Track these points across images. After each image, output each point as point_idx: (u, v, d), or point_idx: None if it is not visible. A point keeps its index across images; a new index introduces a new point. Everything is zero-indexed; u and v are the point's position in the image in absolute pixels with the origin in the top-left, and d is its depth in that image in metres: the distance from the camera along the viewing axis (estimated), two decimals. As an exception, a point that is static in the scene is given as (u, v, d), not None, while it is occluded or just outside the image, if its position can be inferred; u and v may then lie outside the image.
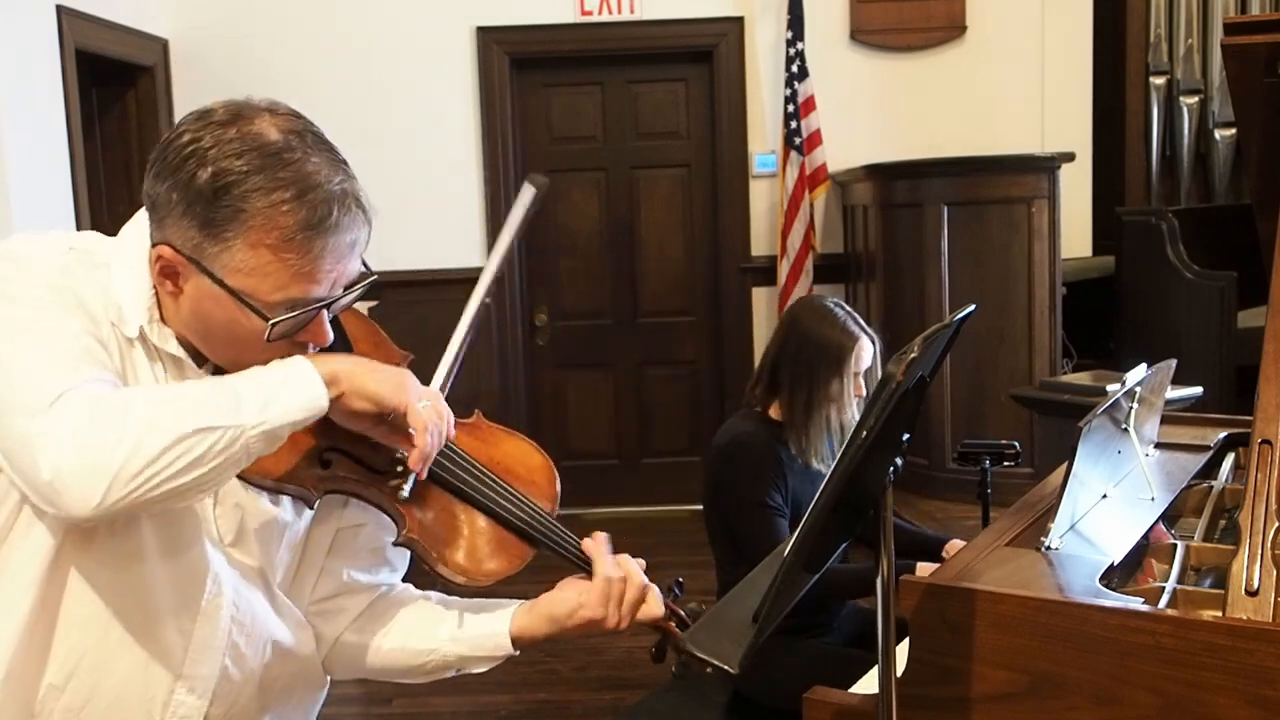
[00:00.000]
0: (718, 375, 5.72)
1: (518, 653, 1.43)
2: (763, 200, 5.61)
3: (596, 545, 1.45)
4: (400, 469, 1.25)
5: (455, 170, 5.50)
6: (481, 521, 1.35)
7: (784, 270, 5.36)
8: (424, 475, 1.25)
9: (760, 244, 5.62)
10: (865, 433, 1.15)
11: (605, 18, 5.47)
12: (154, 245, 1.21)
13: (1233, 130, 5.82)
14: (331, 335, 1.26)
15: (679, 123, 5.70)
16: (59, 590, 1.23)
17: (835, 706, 1.53)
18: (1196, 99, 6.01)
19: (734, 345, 5.66)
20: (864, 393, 2.56)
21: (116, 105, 5.10)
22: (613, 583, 1.40)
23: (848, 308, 2.62)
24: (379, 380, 1.20)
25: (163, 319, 1.26)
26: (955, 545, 2.62)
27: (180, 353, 1.26)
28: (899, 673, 1.40)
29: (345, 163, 1.24)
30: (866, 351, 2.56)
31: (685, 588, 1.50)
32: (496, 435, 1.43)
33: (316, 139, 1.23)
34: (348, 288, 1.24)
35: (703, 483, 2.69)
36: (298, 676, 1.43)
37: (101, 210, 4.83)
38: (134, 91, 5.12)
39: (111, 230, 1.33)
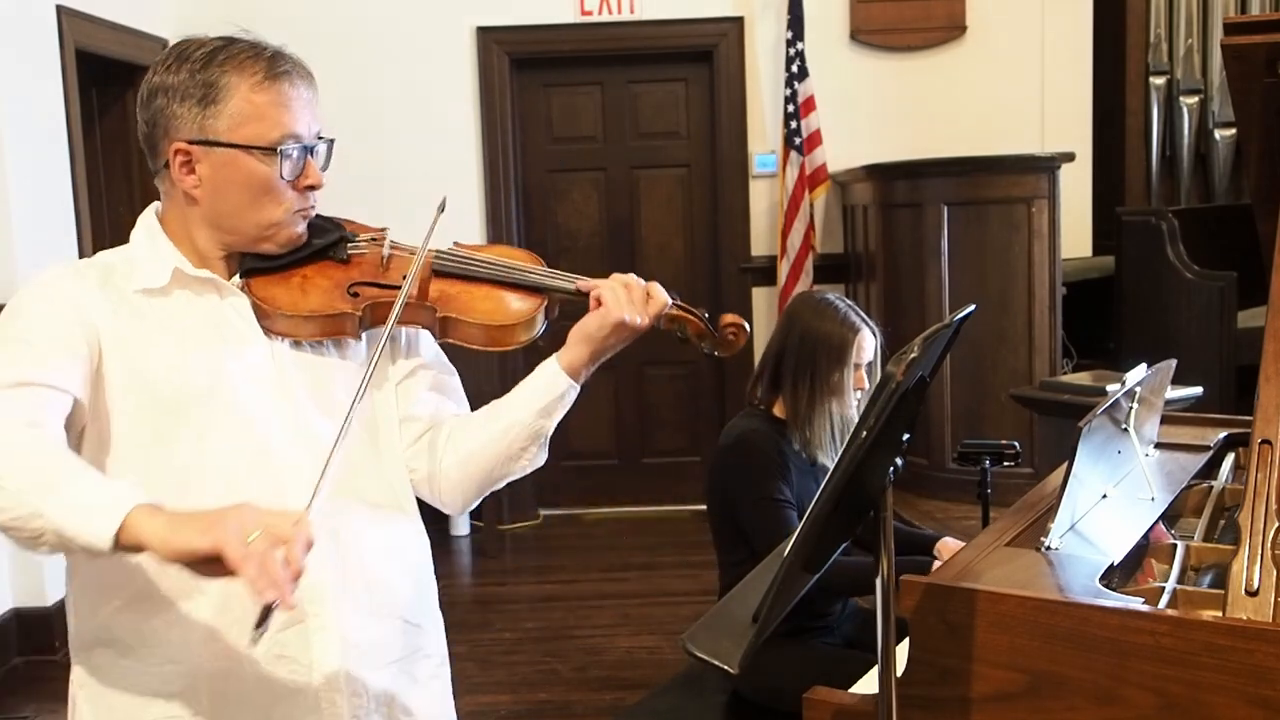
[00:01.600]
0: (718, 375, 5.72)
1: (578, 387, 1.59)
2: (763, 200, 5.61)
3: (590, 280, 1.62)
4: (259, 614, 1.18)
5: (455, 170, 5.50)
6: (495, 289, 1.59)
7: (784, 270, 5.36)
8: (285, 604, 1.16)
9: (760, 244, 5.62)
10: (865, 433, 1.15)
11: (605, 18, 5.47)
12: (166, 159, 1.45)
13: (1233, 130, 5.82)
14: (322, 177, 1.51)
15: (679, 123, 5.70)
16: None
17: (835, 706, 1.53)
18: (1196, 99, 6.01)
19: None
20: (865, 385, 2.55)
21: (116, 105, 5.10)
22: (616, 285, 1.58)
23: (848, 301, 2.61)
24: (186, 534, 1.17)
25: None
26: (946, 544, 2.62)
27: (212, 275, 1.49)
28: (899, 673, 1.40)
29: None
30: (868, 343, 2.55)
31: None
32: (479, 246, 1.68)
33: (245, 33, 1.54)
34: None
35: (706, 482, 2.69)
36: (391, 519, 1.57)
37: (101, 210, 4.83)
38: (134, 91, 5.09)
39: (113, 228, 1.45)
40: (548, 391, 1.59)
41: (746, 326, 1.65)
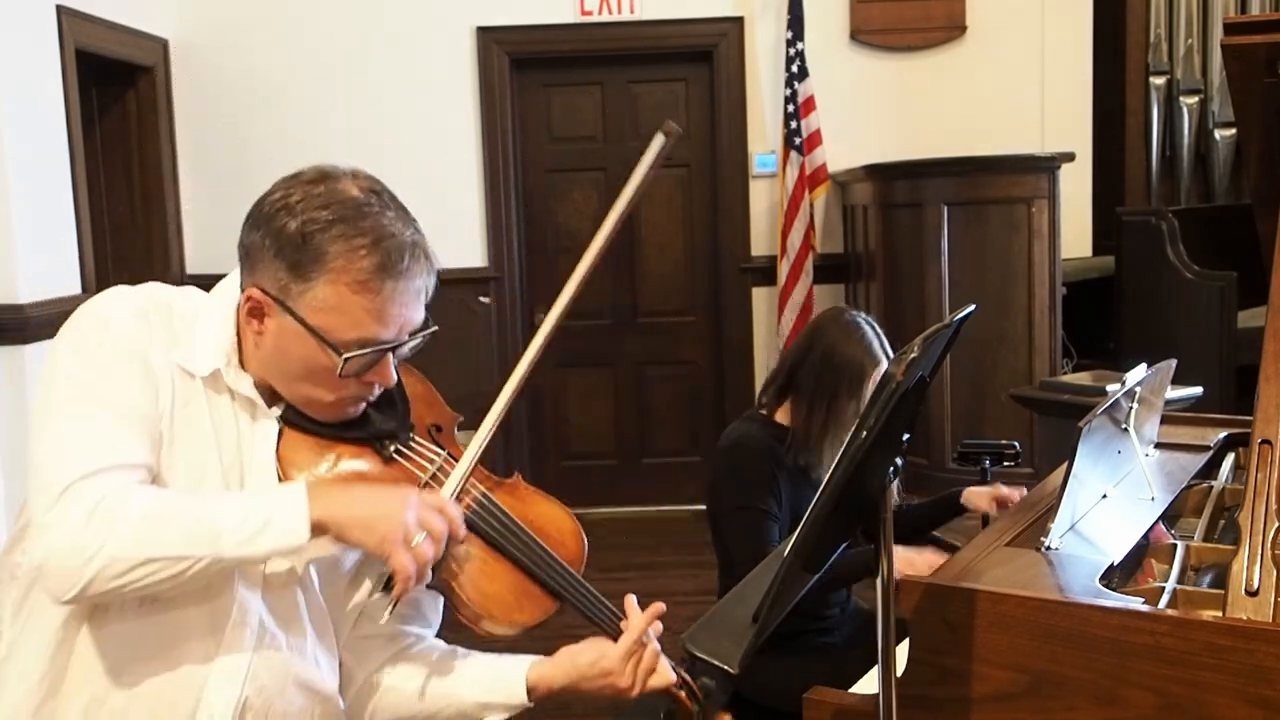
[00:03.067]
0: (718, 375, 5.72)
1: (531, 704, 1.48)
2: (763, 200, 5.61)
3: (633, 609, 1.52)
4: (387, 588, 1.33)
5: (455, 170, 5.50)
6: (511, 572, 1.43)
7: (784, 270, 5.36)
8: (405, 590, 1.31)
9: (760, 244, 5.62)
10: (865, 433, 1.15)
11: (605, 18, 5.47)
12: (244, 290, 1.36)
13: (1233, 130, 5.82)
14: (395, 378, 1.40)
15: (679, 123, 5.67)
16: (76, 633, 1.34)
17: (835, 706, 1.53)
18: (1196, 99, 6.01)
19: (734, 345, 5.66)
20: None
21: (116, 105, 5.10)
22: (640, 646, 1.48)
23: (875, 326, 2.56)
24: (365, 530, 1.28)
25: (242, 365, 1.40)
26: (973, 492, 2.63)
27: (254, 395, 1.39)
28: (899, 673, 1.40)
29: (415, 220, 1.39)
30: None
31: (699, 672, 1.53)
32: (532, 497, 1.52)
33: (392, 198, 1.38)
34: (412, 335, 1.38)
35: (705, 484, 2.68)
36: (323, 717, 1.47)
37: (101, 210, 4.83)
38: (134, 91, 5.11)
39: (112, 228, 1.39)
40: (501, 695, 1.49)
41: None
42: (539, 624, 1.44)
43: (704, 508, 2.70)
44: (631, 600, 1.52)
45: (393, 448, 1.42)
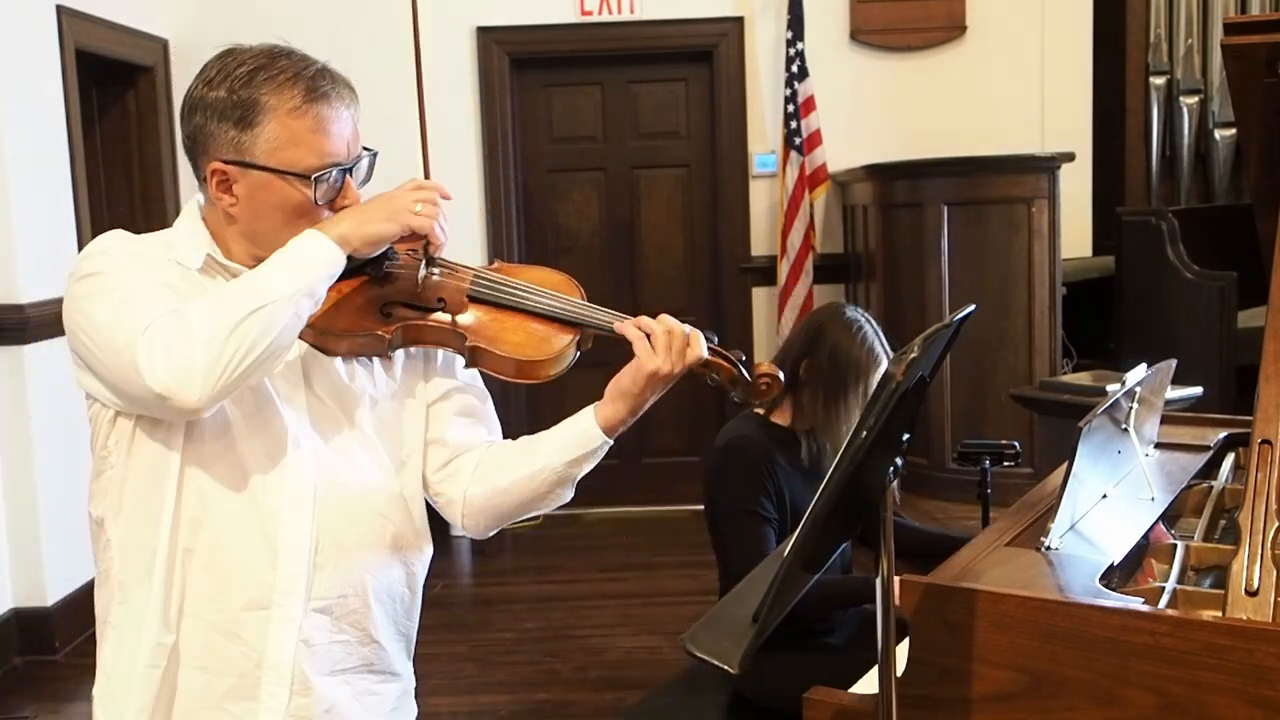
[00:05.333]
0: (718, 375, 5.71)
1: (611, 442, 1.59)
2: (763, 200, 5.61)
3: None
4: (425, 259, 1.51)
5: (455, 170, 5.50)
6: (526, 320, 1.56)
7: (784, 270, 5.36)
8: (440, 249, 1.50)
9: (760, 244, 5.62)
10: (865, 433, 1.15)
11: (605, 18, 5.47)
12: (205, 174, 1.46)
13: (1233, 130, 5.82)
14: (359, 196, 1.51)
15: (679, 123, 5.70)
16: (182, 474, 1.45)
17: (835, 706, 1.53)
18: (1196, 99, 6.01)
19: (734, 345, 5.64)
20: None
21: (116, 105, 5.10)
22: (651, 333, 1.55)
23: (872, 322, 2.56)
24: (377, 223, 1.44)
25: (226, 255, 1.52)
26: None
27: (243, 268, 1.49)
28: (899, 673, 1.40)
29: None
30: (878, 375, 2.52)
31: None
32: (519, 267, 1.65)
33: (290, 48, 1.52)
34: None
35: (703, 483, 2.68)
36: (391, 535, 1.57)
37: (101, 210, 4.83)
38: (134, 91, 5.12)
39: (112, 228, 1.50)
40: (581, 445, 1.58)
41: (781, 377, 1.65)
42: (567, 350, 1.56)
43: (703, 507, 2.69)
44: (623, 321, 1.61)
45: (383, 266, 1.55)
